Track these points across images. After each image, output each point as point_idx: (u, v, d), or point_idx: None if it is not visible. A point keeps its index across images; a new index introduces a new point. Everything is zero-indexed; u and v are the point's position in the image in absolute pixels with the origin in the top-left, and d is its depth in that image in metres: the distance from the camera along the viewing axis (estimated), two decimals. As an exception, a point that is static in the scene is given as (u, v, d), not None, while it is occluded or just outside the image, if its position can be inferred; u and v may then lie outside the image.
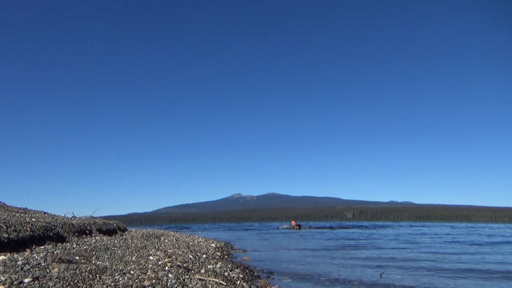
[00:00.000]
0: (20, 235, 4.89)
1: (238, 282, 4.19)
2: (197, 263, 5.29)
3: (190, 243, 8.89)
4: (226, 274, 4.58)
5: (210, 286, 3.82)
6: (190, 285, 3.71)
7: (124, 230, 9.97)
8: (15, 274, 3.32)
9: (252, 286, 4.13)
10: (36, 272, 3.48)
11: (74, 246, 5.51)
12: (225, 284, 3.93)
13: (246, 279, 4.45)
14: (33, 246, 4.87)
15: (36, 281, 3.20)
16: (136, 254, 5.43)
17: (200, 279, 3.99)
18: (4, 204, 10.32)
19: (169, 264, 4.70)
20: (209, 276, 4.25)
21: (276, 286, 4.43)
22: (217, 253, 7.61)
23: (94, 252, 5.06)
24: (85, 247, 5.44)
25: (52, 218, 8.04)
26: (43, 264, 3.79)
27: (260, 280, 4.67)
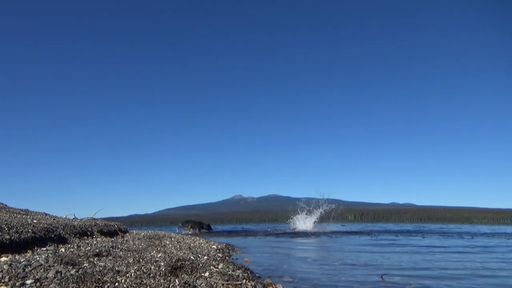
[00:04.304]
0: (22, 237, 4.88)
1: (244, 281, 4.18)
2: (199, 264, 5.28)
3: (191, 244, 8.87)
4: (229, 274, 4.57)
5: (215, 286, 3.81)
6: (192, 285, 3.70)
7: (125, 232, 9.96)
8: (17, 276, 3.31)
9: (257, 285, 4.11)
10: (38, 273, 3.47)
11: (76, 247, 5.50)
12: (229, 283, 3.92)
13: (250, 279, 4.45)
14: (35, 248, 4.87)
15: (37, 283, 3.19)
16: (137, 256, 5.42)
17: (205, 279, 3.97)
18: (6, 206, 10.32)
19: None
20: (212, 277, 4.24)
21: (280, 285, 4.42)
22: (219, 254, 7.59)
23: (95, 254, 5.06)
24: (86, 249, 5.43)
25: (54, 219, 8.04)
26: (45, 266, 3.78)
27: (263, 280, 4.65)
